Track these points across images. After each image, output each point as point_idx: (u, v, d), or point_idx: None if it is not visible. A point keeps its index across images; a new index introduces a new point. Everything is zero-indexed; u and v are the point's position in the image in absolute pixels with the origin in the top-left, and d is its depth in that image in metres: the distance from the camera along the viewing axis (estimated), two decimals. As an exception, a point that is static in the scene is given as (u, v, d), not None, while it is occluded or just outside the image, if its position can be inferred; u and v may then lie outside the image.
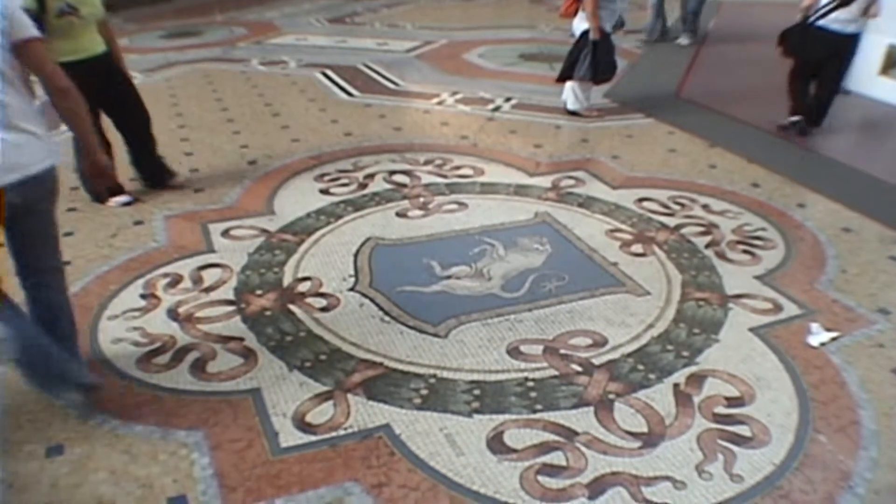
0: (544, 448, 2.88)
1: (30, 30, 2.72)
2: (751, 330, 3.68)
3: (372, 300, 3.91)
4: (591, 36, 6.61)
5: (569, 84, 7.03)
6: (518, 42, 10.59)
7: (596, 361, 3.41)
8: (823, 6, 6.01)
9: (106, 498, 2.66)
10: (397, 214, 4.91)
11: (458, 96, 7.80)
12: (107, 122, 5.04)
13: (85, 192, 5.09)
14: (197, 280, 4.09)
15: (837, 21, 5.96)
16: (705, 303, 3.91)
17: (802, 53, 6.26)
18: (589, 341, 3.56)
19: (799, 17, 6.26)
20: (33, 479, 2.75)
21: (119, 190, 5.10)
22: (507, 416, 3.05)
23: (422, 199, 5.13)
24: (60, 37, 4.44)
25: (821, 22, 6.03)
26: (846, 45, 6.10)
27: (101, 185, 3.72)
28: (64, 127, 3.10)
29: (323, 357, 3.42)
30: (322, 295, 3.96)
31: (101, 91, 4.72)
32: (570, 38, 7.05)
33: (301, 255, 4.37)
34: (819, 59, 6.18)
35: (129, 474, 2.75)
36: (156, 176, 5.39)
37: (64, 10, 4.40)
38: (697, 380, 3.29)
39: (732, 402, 3.15)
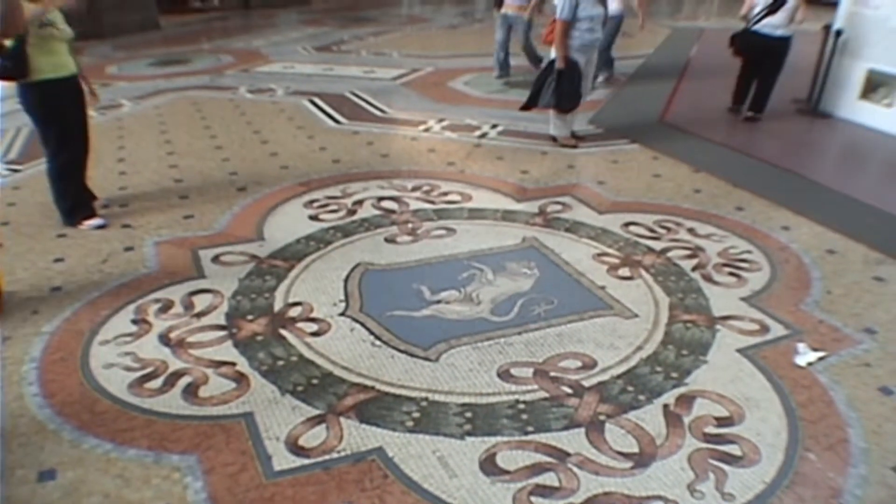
0: (537, 469, 2.90)
1: None
2: (738, 351, 3.71)
3: (362, 325, 3.93)
4: (557, 64, 6.60)
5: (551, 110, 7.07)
6: (503, 70, 10.68)
7: (586, 383, 3.43)
8: (756, 15, 7.51)
9: (99, 523, 2.66)
10: (386, 240, 4.94)
11: (445, 123, 7.88)
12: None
13: (59, 216, 5.16)
14: (188, 305, 4.09)
15: (768, 26, 7.46)
16: (693, 325, 3.95)
17: (746, 52, 7.83)
18: (578, 364, 3.59)
19: (742, 24, 7.78)
20: (25, 505, 2.74)
21: (92, 214, 5.18)
22: (499, 438, 3.06)
23: (410, 225, 5.16)
24: (42, 53, 4.61)
25: (755, 27, 7.55)
26: (776, 46, 7.53)
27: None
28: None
29: (315, 381, 3.43)
30: (313, 320, 3.97)
31: (74, 108, 4.99)
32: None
33: (291, 280, 4.39)
34: (757, 56, 7.70)
35: (122, 499, 2.74)
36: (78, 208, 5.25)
37: (45, 22, 4.58)
38: (687, 400, 3.31)
39: (722, 421, 3.18)
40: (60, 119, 4.86)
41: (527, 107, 7.04)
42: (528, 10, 9.70)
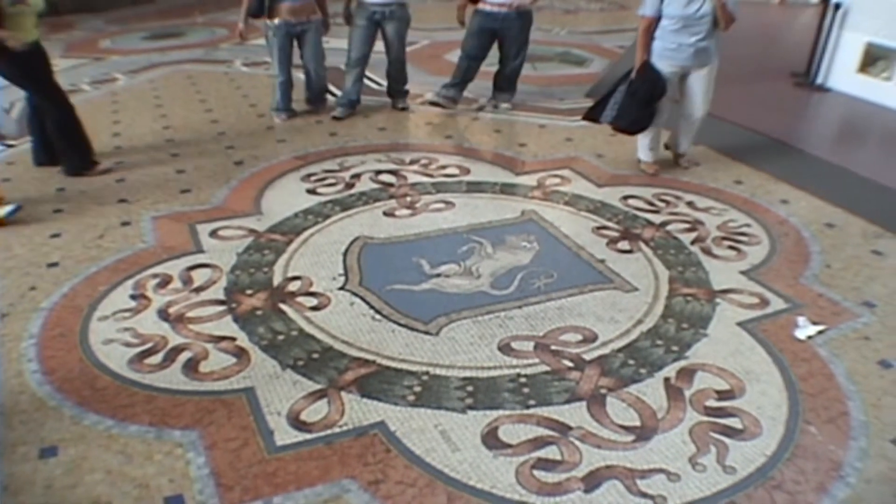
0: (539, 443, 2.91)
1: None
2: (738, 324, 3.72)
3: (362, 299, 3.92)
4: (634, 71, 5.40)
5: None
6: (500, 42, 10.57)
7: (587, 357, 3.44)
8: None
9: (102, 499, 2.65)
10: (385, 214, 4.92)
11: (442, 96, 7.80)
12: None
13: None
14: (186, 280, 4.08)
15: None
16: (693, 298, 3.95)
17: None
18: (579, 337, 3.59)
19: None
20: (27, 481, 2.73)
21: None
22: (500, 412, 3.07)
23: (409, 199, 5.14)
24: (11, 27, 4.82)
25: None
26: None
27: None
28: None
29: (315, 355, 3.43)
30: (312, 294, 3.96)
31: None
32: None
33: (290, 254, 4.37)
34: None
35: (124, 475, 2.75)
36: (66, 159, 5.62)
37: (16, 0, 4.81)
38: (688, 374, 3.33)
39: (723, 395, 3.19)
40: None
41: (589, 117, 5.69)
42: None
